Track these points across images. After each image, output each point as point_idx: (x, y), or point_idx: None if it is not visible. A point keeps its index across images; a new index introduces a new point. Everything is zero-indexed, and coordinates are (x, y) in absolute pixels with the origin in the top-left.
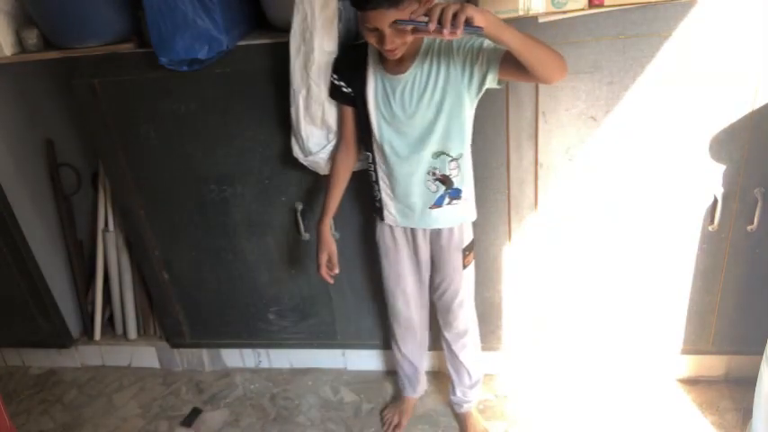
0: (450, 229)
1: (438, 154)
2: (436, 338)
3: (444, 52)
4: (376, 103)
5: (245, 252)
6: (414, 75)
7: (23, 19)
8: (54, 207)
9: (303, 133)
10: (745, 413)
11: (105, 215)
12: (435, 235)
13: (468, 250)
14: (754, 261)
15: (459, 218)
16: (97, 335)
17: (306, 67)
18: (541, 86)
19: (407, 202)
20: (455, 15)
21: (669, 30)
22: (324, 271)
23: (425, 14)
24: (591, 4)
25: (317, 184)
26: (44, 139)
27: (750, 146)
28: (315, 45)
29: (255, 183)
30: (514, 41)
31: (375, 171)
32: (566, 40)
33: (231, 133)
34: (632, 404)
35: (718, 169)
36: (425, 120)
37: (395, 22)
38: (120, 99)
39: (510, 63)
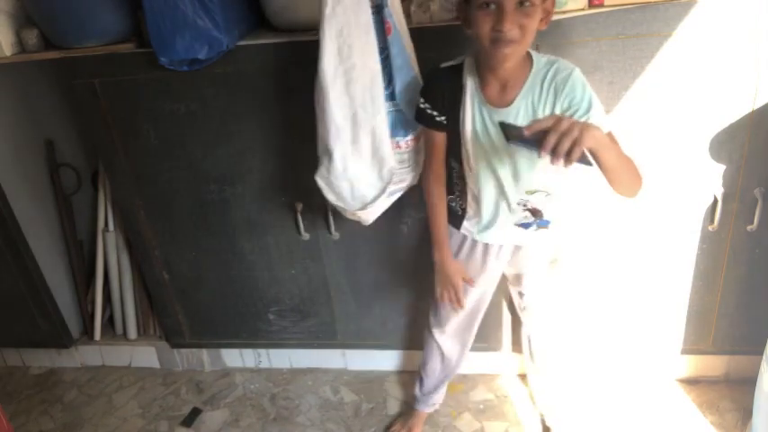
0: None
1: (534, 191)
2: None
3: (553, 89)
4: (474, 135)
5: (245, 252)
6: (518, 108)
7: (23, 19)
8: (54, 207)
9: (350, 175)
10: (745, 413)
11: (105, 215)
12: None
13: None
14: (754, 261)
15: (542, 241)
16: (97, 335)
17: (347, 89)
18: None
19: (488, 223)
20: (572, 146)
21: (669, 30)
22: (459, 297)
23: (536, 131)
24: (591, 4)
25: (316, 184)
26: (44, 139)
27: (750, 146)
28: (356, 61)
29: (255, 183)
30: (610, 164)
31: (458, 183)
32: (566, 40)
33: (231, 133)
34: (632, 404)
35: (718, 169)
36: (526, 157)
37: (509, 141)
38: (120, 99)
39: None
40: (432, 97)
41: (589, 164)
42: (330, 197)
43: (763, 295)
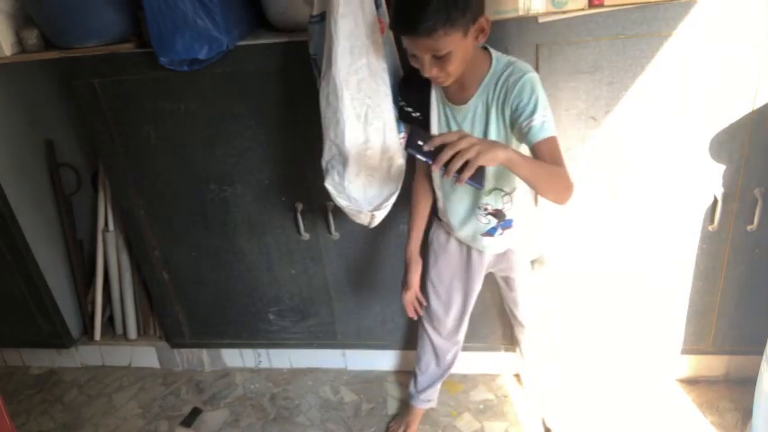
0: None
1: (491, 190)
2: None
3: (504, 90)
4: (439, 130)
5: (245, 252)
6: (476, 106)
7: (23, 19)
8: (54, 207)
9: (363, 177)
10: (745, 413)
11: (105, 215)
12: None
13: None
14: (754, 261)
15: (512, 244)
16: (97, 335)
17: (360, 88)
18: None
19: (458, 227)
20: (465, 164)
21: (669, 30)
22: (411, 300)
23: (436, 147)
24: (591, 4)
25: (317, 184)
26: (44, 139)
27: (750, 146)
28: (366, 59)
29: (255, 183)
30: (525, 174)
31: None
32: (566, 39)
33: (231, 133)
34: (632, 404)
35: (718, 169)
36: None
37: (406, 148)
38: (120, 99)
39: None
40: (407, 96)
41: (480, 186)
42: (342, 202)
43: (763, 295)
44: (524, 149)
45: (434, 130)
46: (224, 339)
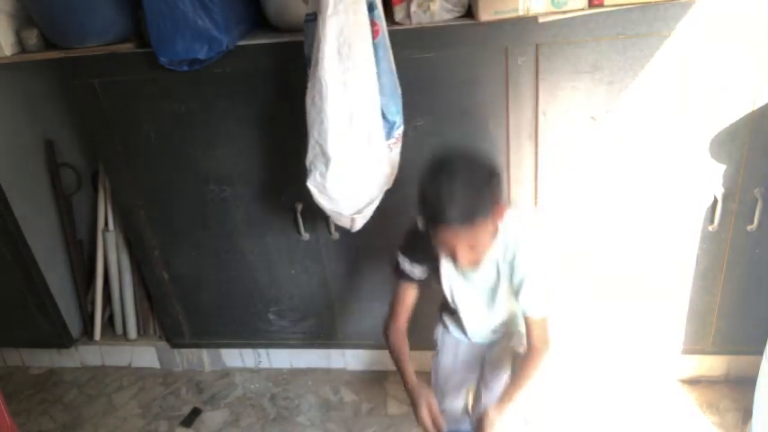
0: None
1: (504, 323)
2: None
3: (511, 253)
4: (449, 284)
5: (245, 252)
6: (487, 269)
7: (23, 19)
8: (54, 207)
9: (347, 179)
10: (745, 413)
11: (105, 215)
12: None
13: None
14: (754, 261)
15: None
16: (97, 335)
17: (346, 89)
18: (541, 86)
19: (469, 334)
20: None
21: (669, 30)
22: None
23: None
24: (591, 4)
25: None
26: (44, 139)
27: (750, 146)
28: (354, 61)
29: (255, 183)
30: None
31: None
32: (566, 39)
33: (231, 133)
34: (632, 404)
35: (719, 169)
36: (498, 304)
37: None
38: (120, 99)
39: None
40: (413, 255)
41: None
42: (324, 203)
43: (763, 295)
44: None
45: (445, 283)
46: (224, 339)
